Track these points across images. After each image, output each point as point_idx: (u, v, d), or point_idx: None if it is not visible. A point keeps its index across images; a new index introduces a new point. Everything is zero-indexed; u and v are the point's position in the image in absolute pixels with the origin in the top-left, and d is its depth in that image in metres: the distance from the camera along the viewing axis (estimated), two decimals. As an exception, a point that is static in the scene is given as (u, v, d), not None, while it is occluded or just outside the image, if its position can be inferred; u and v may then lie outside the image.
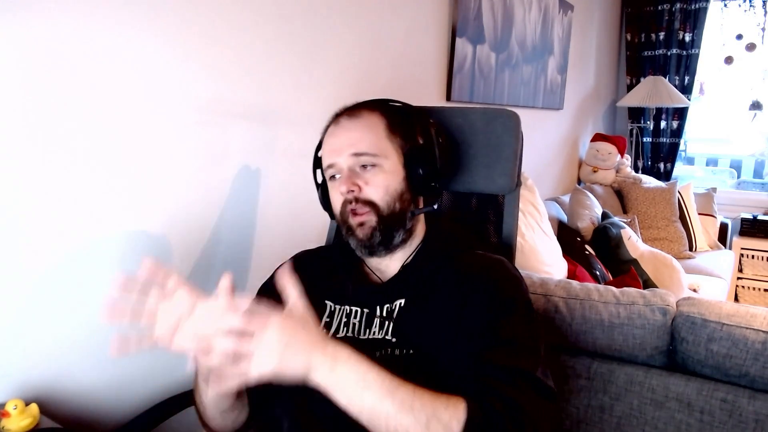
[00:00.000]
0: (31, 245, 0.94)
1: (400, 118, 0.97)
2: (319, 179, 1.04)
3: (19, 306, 0.94)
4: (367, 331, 0.89)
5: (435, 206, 0.98)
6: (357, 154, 0.90)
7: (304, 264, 1.04)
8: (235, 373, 0.66)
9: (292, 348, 0.67)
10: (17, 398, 0.87)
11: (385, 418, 0.68)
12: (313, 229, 1.44)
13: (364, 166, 0.91)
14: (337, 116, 0.97)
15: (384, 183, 0.91)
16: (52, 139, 0.94)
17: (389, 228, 0.91)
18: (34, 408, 0.88)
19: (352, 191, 0.90)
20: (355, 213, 0.90)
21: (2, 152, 0.89)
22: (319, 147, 1.04)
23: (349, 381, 0.68)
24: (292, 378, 0.68)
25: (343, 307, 0.93)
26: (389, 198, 0.91)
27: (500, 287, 0.87)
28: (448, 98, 2.11)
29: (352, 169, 0.91)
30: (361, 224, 0.90)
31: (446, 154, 1.00)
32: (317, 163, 1.04)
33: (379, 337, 0.87)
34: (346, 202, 0.91)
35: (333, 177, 0.94)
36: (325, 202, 1.01)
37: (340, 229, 0.96)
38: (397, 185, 0.92)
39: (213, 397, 0.84)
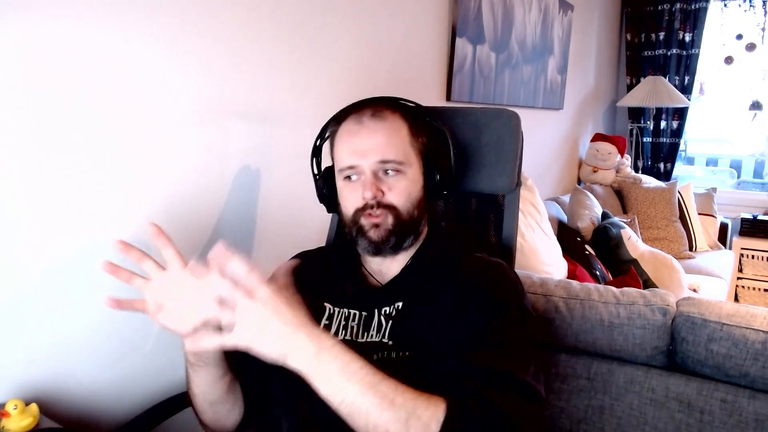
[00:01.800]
0: (31, 244, 0.94)
1: (419, 122, 0.96)
2: (315, 170, 1.03)
3: (19, 306, 0.94)
4: (365, 334, 0.89)
5: (444, 221, 0.99)
6: (384, 161, 0.89)
7: (302, 266, 1.03)
8: (212, 339, 0.68)
9: (274, 325, 0.67)
10: (17, 398, 0.87)
11: (366, 413, 0.67)
12: (313, 229, 1.44)
13: (387, 172, 0.90)
14: (356, 112, 0.94)
15: (407, 190, 0.91)
16: (51, 138, 0.94)
17: (404, 232, 0.91)
18: (34, 408, 0.88)
19: (376, 197, 0.89)
20: (370, 214, 0.90)
21: (2, 152, 0.89)
22: (321, 137, 1.02)
23: (332, 369, 0.68)
24: (269, 356, 0.67)
25: (342, 310, 0.93)
26: (410, 204, 0.91)
27: (494, 290, 0.86)
28: (448, 98, 2.11)
29: (375, 174, 0.90)
30: (377, 225, 0.90)
31: (458, 161, 1.00)
32: (316, 152, 1.03)
33: (377, 340, 0.87)
34: (366, 206, 0.90)
35: (349, 177, 0.92)
36: (324, 194, 1.00)
37: (343, 227, 0.95)
38: (417, 192, 0.93)
39: (201, 387, 0.85)
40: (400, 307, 0.89)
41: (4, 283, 0.92)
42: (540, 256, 2.05)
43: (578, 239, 2.63)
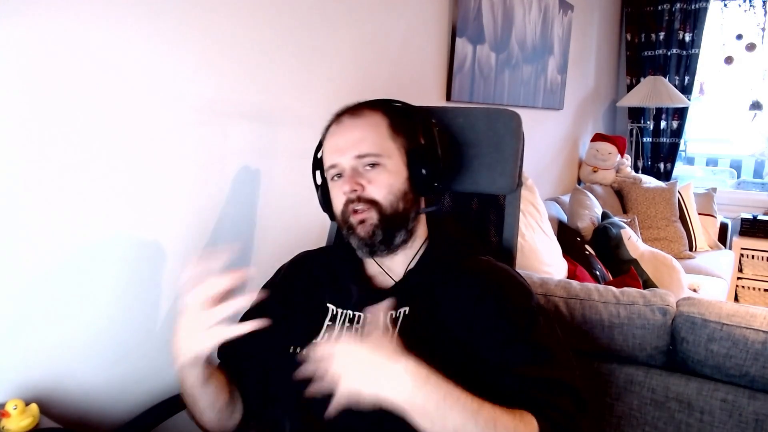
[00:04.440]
0: (32, 245, 0.94)
1: (402, 118, 0.96)
2: (319, 180, 1.04)
3: (20, 306, 0.94)
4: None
5: (436, 207, 0.98)
6: (360, 156, 0.90)
7: (305, 266, 1.04)
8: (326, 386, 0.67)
9: (365, 372, 0.67)
10: (17, 398, 0.87)
11: None
12: (313, 230, 1.44)
13: (367, 166, 0.90)
14: (339, 115, 0.96)
15: (387, 182, 0.90)
16: (52, 139, 0.94)
17: (391, 227, 0.91)
18: (34, 408, 0.88)
19: (355, 190, 0.89)
20: (355, 211, 0.90)
21: (2, 152, 0.89)
22: (319, 148, 1.03)
23: (432, 401, 0.67)
24: (372, 401, 0.66)
25: (345, 312, 0.92)
26: (392, 197, 0.91)
27: (514, 298, 0.87)
28: (448, 98, 2.11)
29: (355, 169, 0.90)
30: (362, 222, 0.90)
31: (448, 154, 1.00)
32: (317, 164, 1.04)
33: None
34: (348, 202, 0.90)
35: (335, 177, 0.93)
36: (326, 203, 1.00)
37: (341, 229, 0.96)
38: (401, 185, 0.92)
39: (208, 398, 0.85)
40: (406, 312, 0.88)
41: (5, 283, 0.92)
42: (540, 256, 2.05)
43: (578, 239, 2.63)
